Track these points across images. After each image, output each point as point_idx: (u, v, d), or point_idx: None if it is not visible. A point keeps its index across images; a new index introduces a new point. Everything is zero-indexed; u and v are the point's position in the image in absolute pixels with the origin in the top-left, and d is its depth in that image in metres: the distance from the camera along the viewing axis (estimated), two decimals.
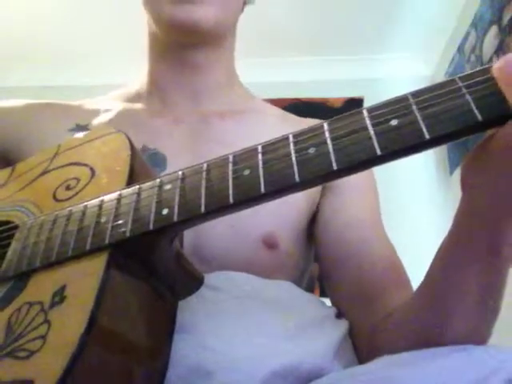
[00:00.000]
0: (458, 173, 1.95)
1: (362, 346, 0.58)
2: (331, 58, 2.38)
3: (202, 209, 0.40)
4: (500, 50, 1.67)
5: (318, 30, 2.24)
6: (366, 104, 2.30)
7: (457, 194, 0.42)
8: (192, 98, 0.73)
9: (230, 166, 0.41)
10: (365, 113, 0.38)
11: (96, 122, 0.70)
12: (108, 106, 0.73)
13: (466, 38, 1.96)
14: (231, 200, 0.39)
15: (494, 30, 1.72)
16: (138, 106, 0.73)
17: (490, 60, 1.74)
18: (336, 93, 2.36)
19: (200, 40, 0.70)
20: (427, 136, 0.34)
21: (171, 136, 0.68)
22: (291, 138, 0.40)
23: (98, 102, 0.75)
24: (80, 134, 0.60)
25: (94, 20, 2.19)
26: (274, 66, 2.38)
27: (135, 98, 0.75)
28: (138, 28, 0.75)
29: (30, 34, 2.27)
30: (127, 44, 1.66)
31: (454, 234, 0.44)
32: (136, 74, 0.78)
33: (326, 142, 0.38)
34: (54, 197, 0.52)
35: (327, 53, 2.37)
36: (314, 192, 0.68)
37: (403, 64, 2.39)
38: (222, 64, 0.75)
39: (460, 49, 2.02)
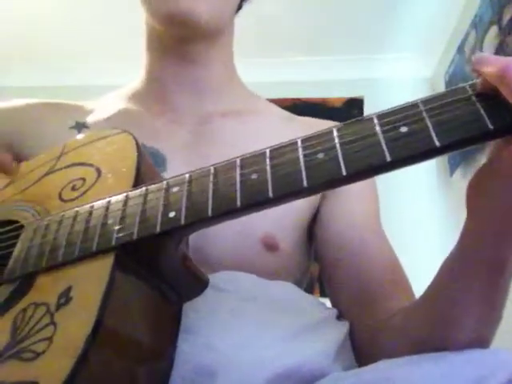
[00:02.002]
0: (458, 174, 1.95)
1: (362, 347, 0.58)
2: (331, 57, 2.38)
3: (209, 212, 0.40)
4: (500, 50, 1.67)
5: (318, 29, 2.24)
6: (366, 104, 2.30)
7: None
8: (192, 96, 0.73)
9: (238, 170, 0.41)
10: (374, 119, 0.38)
11: (96, 120, 0.70)
12: (108, 104, 0.73)
13: (465, 38, 1.96)
14: (238, 204, 0.39)
15: (493, 30, 1.72)
16: (138, 104, 0.73)
17: None
18: (336, 93, 2.36)
19: (197, 34, 0.69)
20: (437, 143, 0.34)
21: (171, 136, 0.68)
22: (299, 143, 0.40)
23: (98, 102, 0.76)
24: (82, 134, 0.60)
25: (93, 20, 2.18)
26: (274, 65, 2.38)
27: (135, 96, 0.74)
28: (138, 28, 0.75)
29: (30, 33, 2.27)
30: (127, 44, 1.66)
31: (458, 252, 0.45)
32: (136, 74, 0.77)
33: (335, 148, 0.38)
34: (60, 197, 0.52)
35: (327, 53, 2.37)
36: None
37: (403, 64, 2.39)
38: (221, 60, 0.75)
39: (460, 49, 2.02)
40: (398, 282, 0.62)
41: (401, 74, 2.38)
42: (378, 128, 0.37)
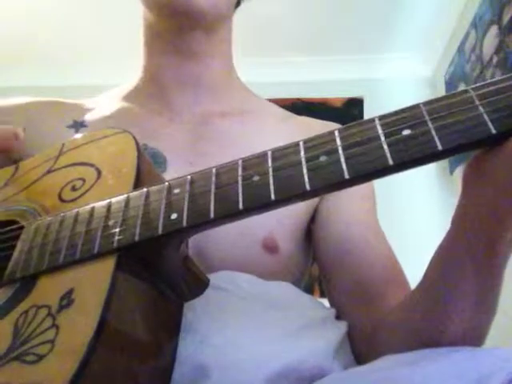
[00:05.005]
0: (458, 172, 1.96)
1: (361, 345, 0.58)
2: (331, 58, 2.38)
3: (212, 214, 0.39)
4: (500, 50, 1.67)
5: (318, 29, 2.24)
6: (366, 104, 2.30)
7: (457, 193, 0.42)
8: (191, 94, 0.72)
9: (240, 172, 0.41)
10: (376, 121, 0.38)
11: (94, 119, 0.70)
12: (107, 103, 0.73)
13: (466, 38, 1.96)
14: (241, 206, 0.39)
15: (493, 29, 1.72)
16: (137, 103, 0.73)
17: (490, 60, 1.74)
18: (336, 93, 2.36)
19: (196, 24, 0.68)
20: (440, 147, 0.34)
21: (171, 135, 0.68)
22: (302, 145, 0.40)
23: (96, 101, 0.75)
24: (80, 134, 0.59)
25: (93, 20, 2.18)
26: (274, 65, 2.38)
27: (134, 95, 0.74)
28: (137, 28, 0.75)
29: (30, 33, 2.27)
30: (127, 44, 1.66)
31: (452, 234, 0.44)
32: (135, 74, 0.77)
33: (337, 151, 0.38)
34: (60, 197, 0.51)
35: (327, 53, 2.37)
36: None
37: (403, 64, 2.39)
38: (220, 57, 0.74)
39: (460, 49, 2.02)
40: (395, 281, 0.62)
41: (401, 73, 2.38)
42: (380, 131, 0.37)
